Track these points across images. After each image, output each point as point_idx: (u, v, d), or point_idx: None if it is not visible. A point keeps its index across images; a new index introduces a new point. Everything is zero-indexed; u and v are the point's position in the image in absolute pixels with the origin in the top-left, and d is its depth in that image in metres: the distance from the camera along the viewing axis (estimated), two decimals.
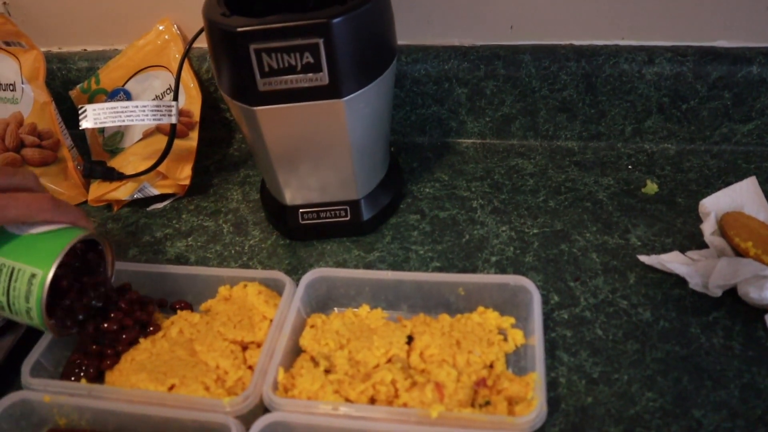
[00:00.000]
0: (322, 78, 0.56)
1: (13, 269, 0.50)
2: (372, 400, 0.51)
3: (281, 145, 0.61)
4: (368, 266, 0.65)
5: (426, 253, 0.66)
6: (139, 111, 0.63)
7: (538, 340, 0.52)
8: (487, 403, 0.50)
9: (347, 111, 0.58)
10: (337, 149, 0.62)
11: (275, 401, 0.49)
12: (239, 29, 0.54)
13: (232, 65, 0.57)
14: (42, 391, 0.52)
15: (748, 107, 0.73)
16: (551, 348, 0.56)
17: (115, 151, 0.79)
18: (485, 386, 0.51)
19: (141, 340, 0.57)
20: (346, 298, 0.60)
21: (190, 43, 0.66)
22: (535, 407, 0.47)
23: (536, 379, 0.49)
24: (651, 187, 0.71)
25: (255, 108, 0.58)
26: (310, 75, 0.56)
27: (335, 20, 0.54)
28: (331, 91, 0.57)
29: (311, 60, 0.55)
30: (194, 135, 0.78)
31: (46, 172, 0.76)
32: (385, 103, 0.64)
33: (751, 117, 0.73)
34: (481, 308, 0.58)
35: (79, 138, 0.82)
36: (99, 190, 0.75)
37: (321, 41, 0.54)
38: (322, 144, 0.61)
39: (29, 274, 0.49)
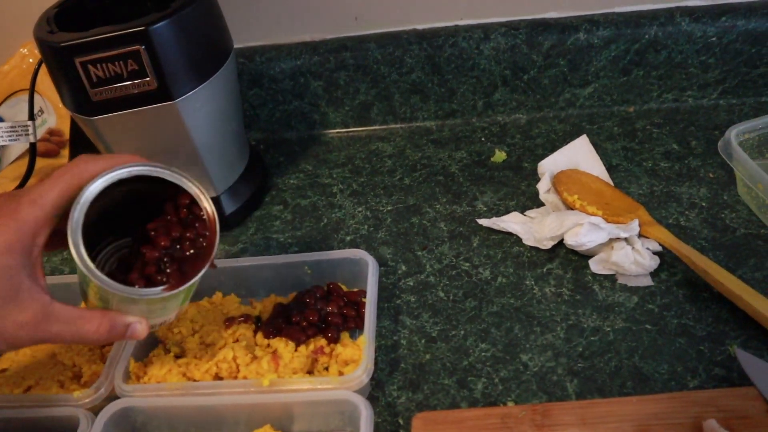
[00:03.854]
0: (150, 83, 0.59)
1: None
2: (217, 377, 0.54)
3: (128, 150, 0.64)
4: (232, 258, 0.68)
5: (286, 240, 0.69)
6: None
7: (369, 304, 0.55)
8: (327, 368, 0.54)
9: (183, 112, 0.61)
10: (184, 149, 0.64)
11: (123, 388, 0.52)
12: (63, 44, 0.57)
13: (65, 79, 0.60)
14: None
15: (583, 72, 0.77)
16: (396, 314, 0.59)
17: None
18: (323, 353, 0.54)
19: None
20: (209, 290, 0.63)
21: (39, 63, 0.69)
22: (359, 365, 0.51)
23: (364, 341, 0.53)
24: (499, 156, 0.75)
25: (93, 118, 0.60)
26: (138, 81, 0.58)
27: (154, 26, 0.57)
28: (162, 95, 0.59)
29: (136, 67, 0.58)
30: (65, 153, 0.80)
31: None
32: (226, 100, 0.66)
33: (588, 81, 0.78)
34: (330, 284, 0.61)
35: None
36: None
37: (142, 48, 0.57)
38: (167, 146, 0.64)
39: None
